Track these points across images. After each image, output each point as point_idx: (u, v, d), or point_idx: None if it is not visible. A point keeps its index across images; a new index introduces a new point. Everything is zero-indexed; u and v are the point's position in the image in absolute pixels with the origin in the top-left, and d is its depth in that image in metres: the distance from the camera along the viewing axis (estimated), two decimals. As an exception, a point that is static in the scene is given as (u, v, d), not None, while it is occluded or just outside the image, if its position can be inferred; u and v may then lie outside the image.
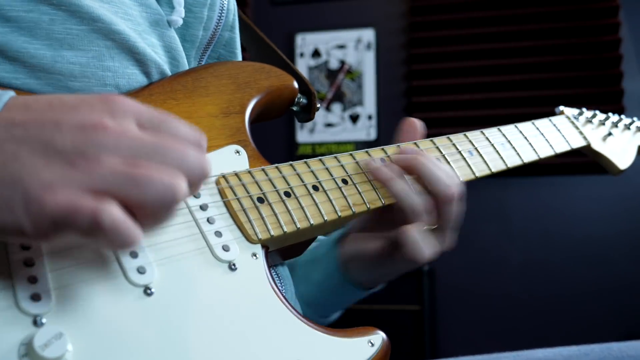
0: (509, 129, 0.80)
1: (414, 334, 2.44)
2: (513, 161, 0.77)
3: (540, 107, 2.75)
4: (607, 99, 2.68)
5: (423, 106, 2.87)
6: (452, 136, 0.74)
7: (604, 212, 2.64)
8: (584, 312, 2.60)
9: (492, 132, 0.78)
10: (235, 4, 0.78)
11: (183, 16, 0.65)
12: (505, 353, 0.68)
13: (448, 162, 0.71)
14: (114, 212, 0.37)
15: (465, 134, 0.76)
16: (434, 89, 2.87)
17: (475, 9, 2.86)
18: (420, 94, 2.88)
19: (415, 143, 0.71)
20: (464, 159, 0.73)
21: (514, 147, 0.78)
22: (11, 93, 0.41)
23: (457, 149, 0.73)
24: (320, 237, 0.81)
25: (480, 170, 0.73)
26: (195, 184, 0.42)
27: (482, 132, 0.77)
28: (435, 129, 3.04)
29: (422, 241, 0.63)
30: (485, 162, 0.74)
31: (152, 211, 0.39)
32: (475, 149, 0.75)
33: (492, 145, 0.76)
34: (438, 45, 2.89)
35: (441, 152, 0.72)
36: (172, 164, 0.40)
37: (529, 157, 0.79)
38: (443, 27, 2.89)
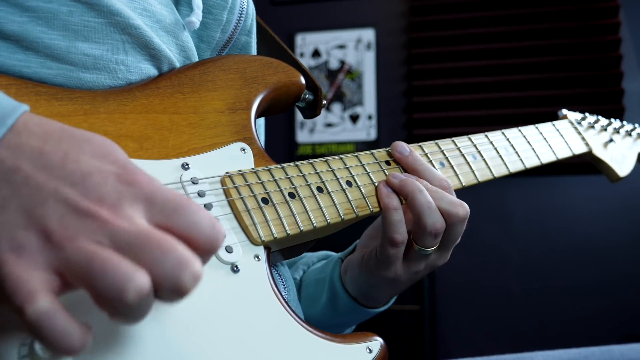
0: (512, 133, 0.80)
1: (414, 334, 2.44)
2: (516, 167, 0.77)
3: (540, 107, 2.75)
4: (607, 99, 2.68)
5: (423, 106, 2.87)
6: (456, 139, 0.74)
7: (604, 212, 2.64)
8: (584, 312, 2.60)
9: (496, 136, 0.78)
10: (254, 9, 0.78)
11: (200, 19, 0.65)
12: (506, 355, 0.68)
13: (452, 166, 0.71)
14: (42, 305, 0.34)
15: (469, 137, 0.75)
16: (434, 89, 2.87)
17: (475, 9, 2.86)
18: (420, 94, 2.88)
19: (420, 145, 0.71)
20: (468, 163, 0.72)
21: (517, 152, 0.78)
22: (24, 108, 0.39)
23: (462, 152, 0.73)
24: (328, 253, 0.82)
25: (483, 176, 0.73)
26: (165, 288, 0.36)
27: (486, 135, 0.77)
28: (435, 129, 3.05)
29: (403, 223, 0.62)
30: (488, 167, 0.74)
31: (104, 302, 0.36)
32: (479, 153, 0.74)
33: (496, 149, 0.76)
34: (438, 45, 2.89)
35: (445, 155, 0.72)
36: (145, 262, 0.36)
37: (532, 162, 0.80)
38: (443, 27, 2.89)
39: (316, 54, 3.03)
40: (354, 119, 2.96)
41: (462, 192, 0.72)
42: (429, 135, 2.82)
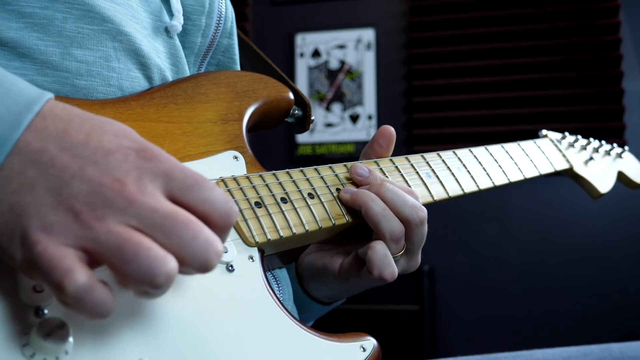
0: (496, 149, 0.83)
1: (414, 334, 2.45)
2: (500, 180, 0.80)
3: (540, 107, 2.75)
4: (607, 99, 2.69)
5: (423, 106, 2.87)
6: (442, 153, 0.77)
7: (603, 212, 2.65)
8: (584, 311, 2.60)
9: (479, 151, 0.81)
10: (232, 11, 0.79)
11: (182, 22, 0.66)
12: (505, 353, 0.68)
13: (438, 178, 0.73)
14: (81, 281, 0.36)
15: (454, 152, 0.78)
16: (434, 89, 2.88)
17: (475, 9, 2.86)
18: (420, 94, 2.89)
19: (406, 157, 0.73)
20: (453, 175, 0.75)
21: (500, 166, 0.81)
22: (49, 95, 0.41)
23: (447, 164, 0.76)
24: None
25: (469, 187, 0.75)
26: (193, 268, 0.39)
27: (470, 150, 0.80)
28: (435, 129, 3.06)
29: (389, 259, 0.61)
30: (473, 178, 0.77)
31: (133, 284, 0.37)
32: (464, 166, 0.77)
33: (480, 163, 0.79)
34: (438, 45, 2.89)
35: (431, 167, 0.74)
36: (174, 244, 0.38)
37: (515, 176, 0.82)
38: (443, 27, 2.90)
39: (316, 54, 3.03)
40: (354, 119, 2.96)
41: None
42: (429, 135, 2.83)
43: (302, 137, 2.99)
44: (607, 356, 0.64)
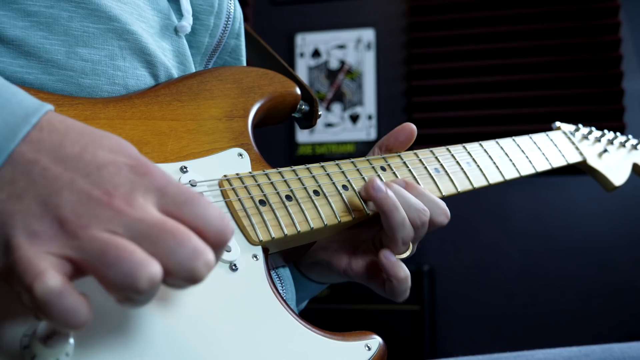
0: (507, 142, 0.82)
1: (414, 334, 2.44)
2: (510, 174, 0.79)
3: (540, 107, 2.75)
4: (607, 99, 2.69)
5: (423, 106, 2.87)
6: (451, 147, 0.76)
7: (604, 211, 2.64)
8: (584, 311, 2.60)
9: (490, 145, 0.80)
10: (241, 12, 0.79)
11: (191, 23, 0.66)
12: (506, 354, 0.68)
13: (447, 173, 0.72)
14: (50, 283, 0.34)
15: (464, 146, 0.77)
16: (434, 89, 2.88)
17: (474, 9, 2.86)
18: (420, 94, 2.88)
19: (415, 153, 0.73)
20: (462, 169, 0.74)
21: (511, 160, 0.80)
22: (49, 107, 0.41)
23: (456, 159, 0.75)
24: None
25: (478, 182, 0.75)
26: (180, 278, 0.37)
27: (480, 144, 0.79)
28: (435, 129, 3.05)
29: (408, 289, 0.65)
30: (483, 174, 0.75)
31: (115, 289, 0.36)
32: (474, 160, 0.76)
33: (490, 157, 0.78)
34: (438, 45, 2.89)
35: (440, 162, 0.73)
36: (159, 251, 0.36)
37: (526, 170, 0.81)
38: (443, 27, 2.90)
39: (316, 54, 3.03)
40: (354, 119, 2.96)
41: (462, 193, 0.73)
42: (429, 135, 2.82)
43: (302, 137, 2.99)
44: (608, 356, 0.64)
